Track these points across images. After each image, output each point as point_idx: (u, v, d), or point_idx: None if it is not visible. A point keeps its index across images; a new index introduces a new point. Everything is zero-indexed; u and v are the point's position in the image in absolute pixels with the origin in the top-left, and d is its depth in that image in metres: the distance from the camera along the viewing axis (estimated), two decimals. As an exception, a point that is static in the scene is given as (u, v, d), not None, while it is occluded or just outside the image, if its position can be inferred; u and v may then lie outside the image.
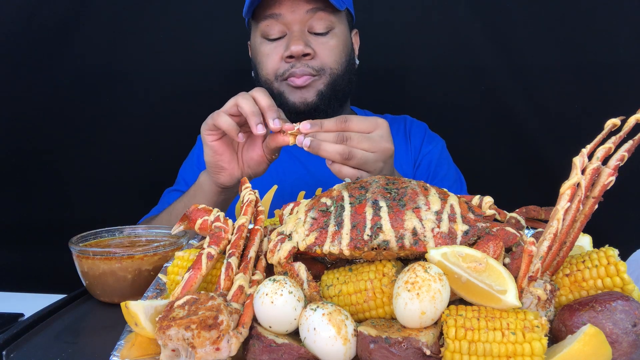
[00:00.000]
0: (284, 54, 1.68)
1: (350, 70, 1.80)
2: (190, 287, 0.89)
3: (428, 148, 1.90)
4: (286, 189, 1.85)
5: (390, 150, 1.31)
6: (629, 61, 2.00)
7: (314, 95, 1.71)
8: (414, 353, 0.77)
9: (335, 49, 1.72)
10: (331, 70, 1.72)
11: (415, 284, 0.79)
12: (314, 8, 1.67)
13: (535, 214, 1.04)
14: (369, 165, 1.27)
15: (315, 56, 1.70)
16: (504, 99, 2.16)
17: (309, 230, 0.95)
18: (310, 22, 1.69)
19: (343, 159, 1.25)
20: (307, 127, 1.27)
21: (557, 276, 0.89)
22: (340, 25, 1.75)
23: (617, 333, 0.76)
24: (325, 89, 1.72)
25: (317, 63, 1.70)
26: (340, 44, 1.74)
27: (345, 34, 1.78)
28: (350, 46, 1.81)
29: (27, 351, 1.06)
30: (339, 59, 1.74)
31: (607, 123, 0.92)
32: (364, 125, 1.29)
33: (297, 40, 1.65)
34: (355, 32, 1.89)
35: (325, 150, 1.25)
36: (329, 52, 1.71)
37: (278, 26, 1.69)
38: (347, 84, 1.79)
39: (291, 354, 0.80)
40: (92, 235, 1.40)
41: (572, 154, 0.89)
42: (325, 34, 1.71)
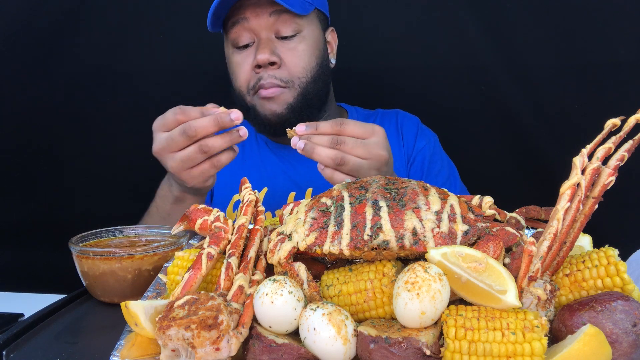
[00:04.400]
0: (252, 62, 1.65)
1: (323, 73, 1.75)
2: (190, 287, 0.89)
3: (421, 144, 1.88)
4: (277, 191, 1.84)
5: (384, 158, 1.30)
6: (629, 61, 2.00)
7: (283, 107, 1.68)
8: (414, 353, 0.77)
9: (303, 54, 1.68)
10: (300, 80, 1.68)
11: (415, 284, 0.79)
12: (278, 10, 1.62)
13: (535, 214, 1.04)
14: (362, 172, 1.27)
15: (283, 65, 1.66)
16: (503, 98, 2.15)
17: (309, 230, 0.95)
18: (276, 26, 1.65)
19: (335, 164, 1.24)
20: (302, 128, 1.27)
21: (557, 276, 0.89)
22: (309, 26, 1.70)
23: (617, 333, 0.76)
24: (294, 101, 1.69)
25: (285, 74, 1.66)
26: (309, 47, 1.70)
27: (316, 36, 1.73)
28: (322, 48, 1.76)
29: (27, 351, 1.06)
30: (307, 65, 1.69)
31: (607, 123, 0.92)
32: (360, 130, 1.28)
33: (263, 49, 1.62)
34: (330, 30, 1.85)
35: (318, 154, 1.24)
36: (297, 58, 1.67)
37: (245, 33, 1.66)
38: (321, 88, 1.75)
39: (291, 354, 0.80)
40: (92, 235, 1.40)
41: (572, 154, 0.89)
42: (292, 38, 1.66)
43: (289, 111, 1.69)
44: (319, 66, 1.73)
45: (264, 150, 1.91)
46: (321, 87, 1.74)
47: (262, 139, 1.94)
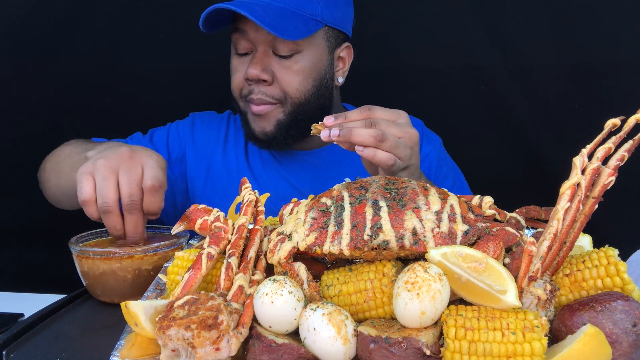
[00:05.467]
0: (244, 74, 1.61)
1: (321, 95, 1.67)
2: (190, 287, 0.89)
3: (427, 149, 1.86)
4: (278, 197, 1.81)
5: (416, 136, 1.29)
6: (629, 61, 2.00)
7: (272, 125, 1.64)
8: (414, 353, 0.77)
9: (299, 74, 1.60)
10: (292, 99, 1.62)
11: (415, 284, 0.79)
12: None
13: (535, 214, 1.04)
14: (400, 150, 1.24)
15: (276, 82, 1.60)
16: (503, 99, 2.15)
17: (309, 230, 0.95)
18: (274, 43, 1.58)
19: (377, 141, 1.20)
20: (330, 120, 1.23)
21: (557, 276, 0.89)
22: (311, 46, 1.61)
23: (617, 333, 0.76)
24: (285, 118, 1.64)
25: (277, 91, 1.61)
26: (307, 68, 1.61)
27: (318, 56, 1.64)
28: (324, 68, 1.67)
29: (27, 351, 1.06)
30: (301, 87, 1.62)
31: (607, 123, 0.92)
32: (387, 114, 1.27)
33: (255, 64, 1.58)
34: (345, 46, 1.74)
35: (357, 135, 1.20)
36: (291, 78, 1.60)
37: (244, 42, 1.62)
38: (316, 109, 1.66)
39: (291, 354, 0.80)
40: (92, 235, 1.40)
41: (572, 154, 0.89)
42: (289, 57, 1.59)
43: (277, 128, 1.65)
44: (316, 88, 1.65)
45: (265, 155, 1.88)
46: (316, 107, 1.67)
47: None
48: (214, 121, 1.97)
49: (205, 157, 1.89)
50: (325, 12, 1.61)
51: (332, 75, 1.73)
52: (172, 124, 1.96)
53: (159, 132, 1.92)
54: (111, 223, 1.25)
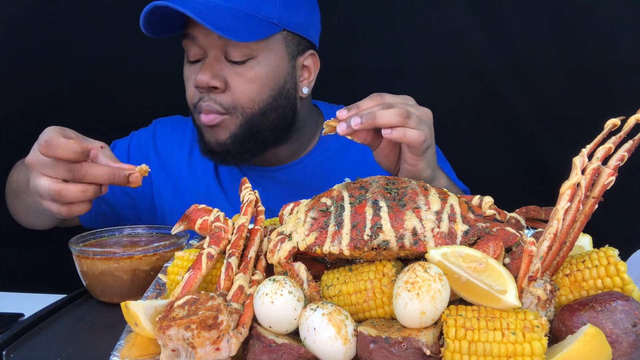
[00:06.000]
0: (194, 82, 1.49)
1: (280, 106, 1.54)
2: (190, 287, 0.89)
3: None
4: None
5: (430, 114, 1.25)
6: (629, 61, 2.00)
7: (226, 136, 1.51)
8: (414, 353, 0.77)
9: (253, 82, 1.48)
10: (243, 110, 1.49)
11: (415, 284, 0.79)
12: None
13: (535, 214, 1.04)
14: (423, 127, 1.19)
15: (228, 90, 1.48)
16: (503, 99, 2.15)
17: (309, 230, 0.95)
18: (225, 48, 1.46)
19: (403, 118, 1.14)
20: (344, 113, 1.17)
21: (557, 276, 0.89)
22: (267, 52, 1.49)
23: (617, 333, 0.76)
24: (238, 130, 1.51)
25: (228, 100, 1.48)
26: (262, 75, 1.49)
27: (275, 63, 1.51)
28: (283, 77, 1.53)
29: (27, 351, 1.06)
30: (255, 96, 1.49)
31: (607, 123, 0.92)
32: (397, 97, 1.23)
33: (204, 70, 1.46)
34: (309, 54, 1.60)
35: (382, 117, 1.14)
36: (244, 86, 1.47)
37: (195, 48, 1.50)
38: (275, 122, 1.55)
39: (291, 354, 0.80)
40: (92, 235, 1.40)
41: (572, 154, 0.89)
42: (242, 63, 1.47)
43: (232, 141, 1.52)
44: (273, 98, 1.52)
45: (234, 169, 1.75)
46: (275, 120, 1.55)
47: None
48: (177, 127, 1.84)
49: (171, 171, 1.77)
50: (283, 15, 1.48)
51: (295, 85, 1.59)
52: (135, 133, 1.85)
53: (120, 144, 1.82)
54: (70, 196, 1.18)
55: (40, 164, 1.19)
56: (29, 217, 1.62)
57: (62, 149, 1.15)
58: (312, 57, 1.62)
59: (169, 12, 1.39)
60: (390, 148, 1.28)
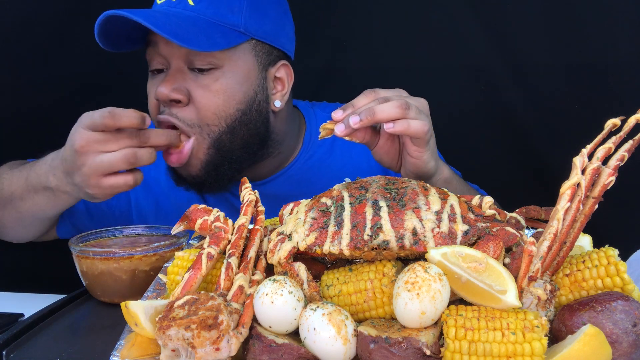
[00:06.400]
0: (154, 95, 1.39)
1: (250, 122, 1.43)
2: (190, 287, 0.89)
3: None
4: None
5: (426, 102, 1.22)
6: (629, 61, 2.00)
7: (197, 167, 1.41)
8: (414, 353, 0.77)
9: (219, 95, 1.37)
10: (209, 128, 1.38)
11: (415, 284, 0.79)
12: None
13: (535, 214, 1.04)
14: (422, 117, 1.16)
15: (191, 103, 1.37)
16: (503, 98, 2.15)
17: (309, 230, 0.95)
18: (189, 57, 1.36)
19: (403, 110, 1.11)
20: (339, 114, 1.12)
21: (557, 276, 0.89)
22: (234, 62, 1.39)
23: (617, 333, 0.76)
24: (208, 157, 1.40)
25: (191, 115, 1.37)
26: (229, 87, 1.38)
27: (244, 74, 1.41)
28: (254, 88, 1.43)
29: (27, 351, 1.06)
30: (221, 111, 1.38)
31: (607, 123, 0.92)
32: (391, 91, 1.20)
33: (165, 82, 1.36)
34: (281, 64, 1.49)
35: (382, 111, 1.10)
36: (208, 100, 1.36)
37: (157, 57, 1.40)
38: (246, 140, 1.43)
39: (291, 354, 0.80)
40: (92, 235, 1.40)
41: (572, 154, 0.89)
42: (207, 72, 1.37)
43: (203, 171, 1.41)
44: (242, 112, 1.41)
45: None
46: (246, 137, 1.43)
47: None
48: None
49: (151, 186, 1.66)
50: (250, 23, 1.40)
51: (267, 97, 1.48)
52: None
53: None
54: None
55: (96, 142, 1.17)
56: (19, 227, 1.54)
57: (127, 116, 1.19)
58: (284, 68, 1.51)
59: (127, 23, 1.30)
60: (390, 144, 1.25)
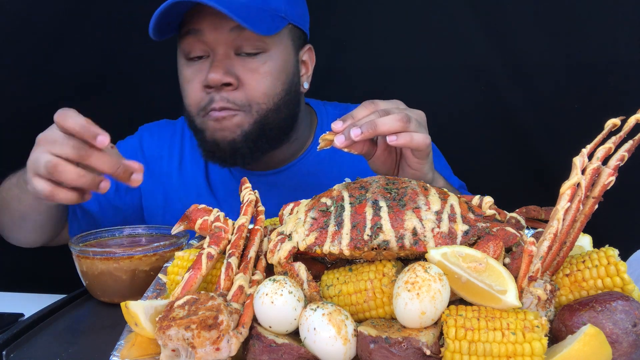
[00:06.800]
0: (204, 81, 1.43)
1: (290, 101, 1.51)
2: (190, 287, 0.89)
3: None
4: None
5: (424, 114, 1.21)
6: (628, 61, 2.00)
7: (237, 134, 1.45)
8: (414, 353, 0.77)
9: (267, 77, 1.44)
10: (259, 106, 1.44)
11: (415, 284, 0.79)
12: (239, 26, 1.36)
13: (536, 214, 1.04)
14: (422, 129, 1.16)
15: (241, 86, 1.43)
16: (503, 98, 2.15)
17: (309, 230, 0.95)
18: (236, 43, 1.41)
19: (404, 123, 1.11)
20: (339, 125, 1.12)
21: (557, 276, 0.89)
22: (277, 46, 1.46)
23: (617, 333, 0.76)
24: (250, 128, 1.45)
25: (241, 96, 1.43)
26: (275, 70, 1.45)
27: (285, 57, 1.49)
28: (292, 70, 1.52)
29: (27, 351, 1.06)
30: (270, 91, 1.45)
31: (607, 123, 0.92)
32: (389, 103, 1.19)
33: (216, 67, 1.39)
34: (307, 48, 1.60)
35: (383, 124, 1.10)
36: (258, 81, 1.43)
37: (200, 45, 1.43)
38: (285, 117, 1.51)
39: (291, 354, 0.80)
40: (92, 235, 1.40)
41: (572, 154, 0.89)
42: (255, 56, 1.43)
43: (242, 139, 1.46)
44: (285, 92, 1.49)
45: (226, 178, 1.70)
46: (286, 116, 1.51)
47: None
48: (165, 133, 1.76)
49: (161, 181, 1.70)
50: (288, 8, 1.46)
51: (299, 79, 1.56)
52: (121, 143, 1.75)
53: None
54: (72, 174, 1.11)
55: (48, 140, 1.15)
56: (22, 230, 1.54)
57: (73, 119, 1.14)
58: (309, 52, 1.60)
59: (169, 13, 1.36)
60: (387, 155, 1.25)
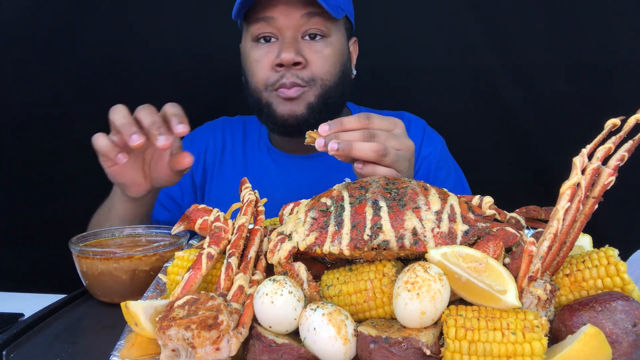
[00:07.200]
0: (274, 61, 1.59)
1: (344, 82, 1.70)
2: (190, 287, 0.89)
3: (428, 150, 1.83)
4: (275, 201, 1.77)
5: (413, 148, 1.26)
6: (629, 61, 2.00)
7: (303, 107, 1.63)
8: (414, 353, 0.77)
9: (328, 59, 1.63)
10: (322, 81, 1.63)
11: (415, 284, 0.79)
12: (309, 13, 1.58)
13: (535, 214, 1.04)
14: (400, 164, 1.20)
15: (307, 65, 1.61)
16: (503, 98, 2.15)
17: (309, 230, 0.95)
18: (304, 28, 1.60)
19: (379, 156, 1.15)
20: (325, 128, 1.16)
21: (557, 276, 0.89)
22: (336, 33, 1.66)
23: (617, 333, 0.76)
24: (315, 101, 1.63)
25: (308, 73, 1.61)
26: (335, 53, 1.65)
27: (342, 43, 1.69)
28: (346, 56, 1.72)
29: (27, 351, 1.06)
30: (331, 70, 1.64)
31: (607, 123, 0.92)
32: (385, 123, 1.23)
33: (288, 48, 1.57)
34: (354, 40, 1.80)
35: (358, 150, 1.14)
36: (322, 61, 1.62)
37: (270, 29, 1.61)
38: (341, 95, 1.69)
39: (291, 354, 0.80)
40: (92, 235, 1.40)
41: (572, 154, 0.89)
42: (319, 41, 1.62)
43: (308, 111, 1.63)
44: (342, 73, 1.68)
45: (265, 157, 1.88)
46: (341, 94, 1.69)
47: (264, 145, 1.90)
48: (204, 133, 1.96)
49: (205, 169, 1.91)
50: (343, 1, 1.64)
51: (350, 65, 1.76)
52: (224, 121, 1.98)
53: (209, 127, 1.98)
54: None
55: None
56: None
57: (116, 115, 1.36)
58: (354, 44, 1.80)
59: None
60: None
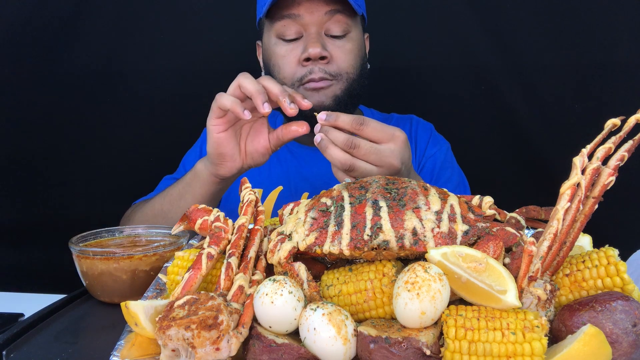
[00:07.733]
0: (301, 56, 1.65)
1: (363, 74, 1.78)
2: (190, 287, 0.89)
3: (432, 150, 1.89)
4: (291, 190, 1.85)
5: (395, 168, 1.27)
6: (629, 61, 2.00)
7: (331, 99, 1.69)
8: (414, 353, 0.77)
9: (351, 53, 1.71)
10: (347, 75, 1.71)
11: (415, 284, 0.79)
12: (332, 10, 1.65)
13: (535, 214, 1.04)
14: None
15: (332, 60, 1.68)
16: (504, 98, 2.16)
17: (309, 230, 0.95)
18: (327, 25, 1.67)
19: (344, 168, 1.25)
20: (322, 117, 1.27)
21: (557, 276, 0.89)
22: (356, 29, 1.74)
23: (617, 333, 0.76)
24: (342, 93, 1.70)
25: (334, 68, 1.68)
26: (356, 47, 1.73)
27: (360, 38, 1.77)
28: (364, 50, 1.81)
29: (27, 351, 1.06)
30: (354, 63, 1.72)
31: (607, 123, 0.92)
32: (379, 134, 1.26)
33: (314, 43, 1.63)
34: (366, 36, 1.88)
35: (330, 155, 1.26)
36: (345, 56, 1.70)
37: (295, 27, 1.67)
38: (362, 87, 1.77)
39: (291, 354, 0.80)
40: (92, 235, 1.40)
41: (572, 154, 0.89)
42: (342, 37, 1.69)
43: (335, 103, 1.70)
44: (361, 67, 1.76)
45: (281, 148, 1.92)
46: (362, 85, 1.77)
47: None
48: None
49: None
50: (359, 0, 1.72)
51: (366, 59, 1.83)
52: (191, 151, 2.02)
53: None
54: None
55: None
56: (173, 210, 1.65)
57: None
58: (367, 40, 1.88)
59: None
60: None
